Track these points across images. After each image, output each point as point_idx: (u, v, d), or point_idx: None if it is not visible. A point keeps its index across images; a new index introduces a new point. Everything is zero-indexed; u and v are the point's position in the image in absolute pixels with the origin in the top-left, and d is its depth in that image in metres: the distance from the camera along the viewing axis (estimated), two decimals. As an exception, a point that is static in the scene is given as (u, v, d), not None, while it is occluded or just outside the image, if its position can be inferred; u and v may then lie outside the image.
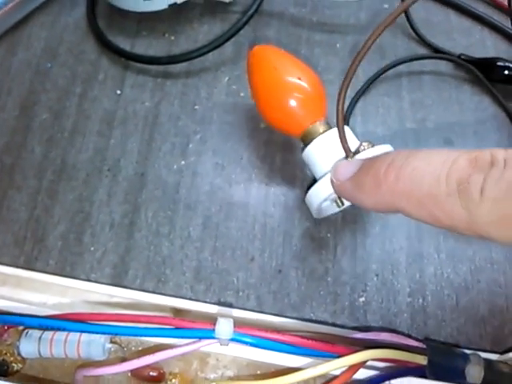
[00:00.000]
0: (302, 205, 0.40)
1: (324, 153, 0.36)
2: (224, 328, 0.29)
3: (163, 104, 0.45)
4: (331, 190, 0.33)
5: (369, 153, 0.34)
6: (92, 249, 0.39)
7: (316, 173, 0.36)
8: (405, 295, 0.38)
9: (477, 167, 0.20)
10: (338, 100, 0.33)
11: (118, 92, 0.45)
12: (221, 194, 0.41)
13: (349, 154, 0.33)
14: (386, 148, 0.35)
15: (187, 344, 0.30)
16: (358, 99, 0.45)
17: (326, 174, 0.34)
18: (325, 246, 0.39)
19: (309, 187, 0.35)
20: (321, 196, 0.34)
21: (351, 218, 0.40)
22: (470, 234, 0.20)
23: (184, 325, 0.30)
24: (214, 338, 0.29)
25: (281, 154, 0.43)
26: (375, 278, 0.38)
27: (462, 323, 0.37)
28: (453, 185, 0.20)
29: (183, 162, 0.42)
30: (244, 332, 0.29)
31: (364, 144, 0.34)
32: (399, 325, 0.37)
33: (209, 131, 0.44)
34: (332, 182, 0.28)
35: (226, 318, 0.30)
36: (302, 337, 0.30)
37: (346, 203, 0.39)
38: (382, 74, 0.46)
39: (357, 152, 0.34)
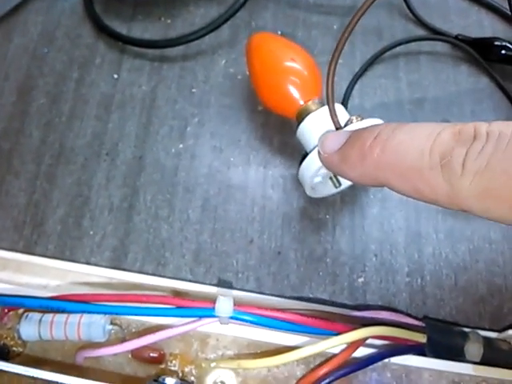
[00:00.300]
0: (300, 186, 0.40)
1: (315, 129, 0.36)
2: (224, 306, 0.29)
3: (160, 87, 0.45)
4: (320, 163, 0.34)
5: (358, 126, 0.34)
6: (91, 233, 0.39)
7: (308, 148, 0.36)
8: (403, 275, 0.38)
9: (460, 141, 0.20)
10: (328, 74, 0.33)
11: (115, 76, 0.45)
12: (219, 177, 0.41)
13: (338, 126, 0.34)
14: (375, 121, 0.35)
15: (187, 323, 0.30)
16: (355, 81, 0.45)
17: (315, 147, 0.34)
18: (323, 228, 0.39)
19: (301, 164, 0.35)
20: (311, 169, 0.34)
21: (350, 199, 0.40)
22: (452, 207, 0.20)
23: (184, 304, 0.30)
24: (214, 316, 0.29)
25: (278, 136, 0.43)
26: (374, 259, 0.38)
27: (460, 302, 0.37)
28: (436, 158, 0.20)
29: (181, 146, 0.42)
30: (244, 310, 0.30)
31: (353, 118, 0.35)
32: (398, 304, 0.37)
33: (206, 114, 0.44)
34: (319, 154, 0.28)
35: (226, 296, 0.30)
36: (302, 314, 0.30)
37: (344, 184, 0.39)
38: (379, 56, 0.46)
39: (346, 125, 0.34)
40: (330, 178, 0.38)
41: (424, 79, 0.46)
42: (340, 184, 0.39)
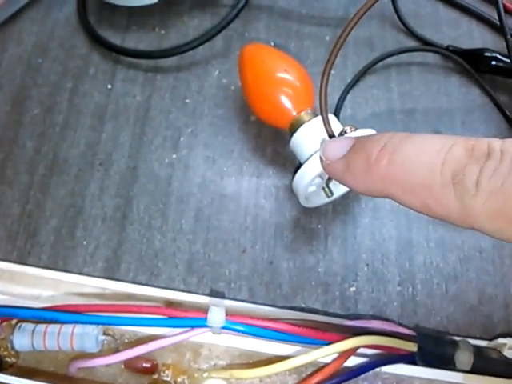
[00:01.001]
0: (293, 196, 0.40)
1: (309, 139, 0.37)
2: (216, 316, 0.29)
3: (154, 98, 0.45)
4: (315, 173, 0.34)
5: (352, 135, 0.34)
6: (84, 243, 0.39)
7: (301, 159, 0.37)
8: (395, 284, 0.38)
9: (473, 157, 0.19)
10: (321, 84, 0.34)
11: (109, 86, 0.45)
12: (212, 187, 0.41)
13: (332, 137, 0.34)
14: (369, 131, 0.35)
15: (180, 333, 0.30)
16: (348, 92, 0.46)
17: (309, 158, 0.35)
18: (316, 237, 0.40)
19: (295, 174, 0.35)
20: (305, 180, 0.34)
21: (341, 209, 0.41)
22: (463, 225, 0.20)
23: (176, 314, 0.30)
24: (206, 326, 0.30)
25: (271, 146, 0.43)
26: (365, 268, 0.39)
27: (451, 312, 0.37)
28: (447, 176, 0.19)
29: (175, 156, 0.42)
30: (236, 320, 0.30)
31: (347, 128, 0.35)
32: (389, 314, 0.37)
33: (200, 125, 0.44)
34: (321, 160, 0.26)
35: (218, 307, 0.30)
36: (293, 324, 0.30)
37: (336, 193, 0.40)
38: (371, 66, 0.46)
39: (340, 135, 0.35)
40: (323, 188, 0.38)
41: (415, 90, 0.46)
42: (332, 194, 0.39)
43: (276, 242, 0.40)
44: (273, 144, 0.43)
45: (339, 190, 0.41)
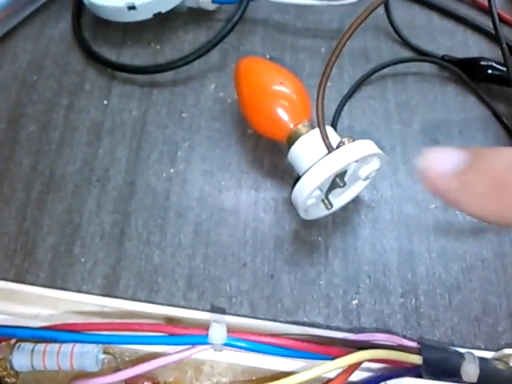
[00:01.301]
0: (292, 209, 0.40)
1: (306, 151, 0.36)
2: (217, 333, 0.29)
3: (150, 113, 0.45)
4: (314, 186, 0.34)
5: (350, 147, 0.34)
6: (83, 260, 0.39)
7: (300, 171, 0.36)
8: (397, 296, 0.38)
9: None
10: (317, 96, 0.34)
11: (105, 102, 0.45)
12: (211, 201, 0.41)
13: (330, 149, 0.34)
14: (367, 142, 0.35)
15: (181, 351, 0.30)
16: (344, 103, 0.46)
17: (308, 170, 0.34)
18: (316, 250, 0.39)
19: (294, 187, 0.35)
20: (304, 192, 0.34)
21: (341, 221, 0.41)
22: None
23: (177, 331, 0.29)
24: (207, 343, 0.29)
25: (269, 159, 0.43)
26: (367, 280, 0.38)
27: (455, 322, 0.37)
28: None
29: (172, 170, 0.42)
30: (237, 337, 0.29)
31: (344, 139, 0.35)
32: (393, 326, 0.37)
33: (197, 138, 0.44)
34: (424, 175, 0.21)
35: (219, 323, 0.30)
36: (296, 339, 0.30)
37: (335, 205, 0.39)
38: (367, 77, 0.46)
39: (338, 147, 0.35)
40: (322, 200, 0.38)
41: (412, 100, 0.46)
42: (332, 206, 0.39)
43: (276, 255, 0.39)
44: (270, 156, 0.43)
45: (339, 201, 0.40)
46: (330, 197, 0.39)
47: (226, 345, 0.29)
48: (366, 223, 0.40)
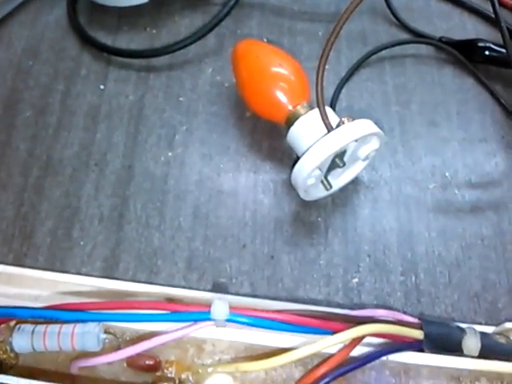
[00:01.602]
0: (291, 190, 0.40)
1: (306, 132, 0.37)
2: (220, 308, 0.29)
3: (147, 97, 0.45)
4: (313, 165, 0.34)
5: (350, 126, 0.34)
6: (82, 243, 0.39)
7: (299, 152, 0.36)
8: (397, 274, 0.38)
9: None
10: (317, 76, 0.34)
11: (102, 87, 0.45)
12: (209, 184, 0.41)
13: (330, 129, 0.34)
14: (366, 122, 0.35)
15: (183, 328, 0.30)
16: (342, 86, 0.45)
17: (308, 150, 0.34)
18: (316, 230, 0.39)
19: (293, 168, 0.35)
20: (304, 172, 0.34)
21: (341, 201, 0.40)
22: None
23: (178, 308, 0.29)
24: (210, 319, 0.29)
25: (267, 141, 0.43)
26: (367, 259, 0.38)
27: (455, 300, 0.37)
28: None
29: (170, 154, 0.42)
30: (239, 312, 0.29)
31: (344, 119, 0.35)
32: (393, 304, 0.37)
33: (195, 122, 0.43)
34: None
35: (221, 299, 0.29)
36: (298, 314, 0.30)
37: (335, 186, 0.39)
38: (364, 60, 0.46)
39: (338, 127, 0.35)
40: (322, 181, 0.38)
41: (410, 82, 0.46)
42: (331, 186, 0.39)
43: (276, 236, 0.39)
44: (269, 139, 0.43)
45: (338, 182, 0.40)
46: (329, 178, 0.39)
47: (228, 321, 0.29)
48: (366, 203, 0.40)
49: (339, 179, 0.40)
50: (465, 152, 0.43)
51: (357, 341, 0.31)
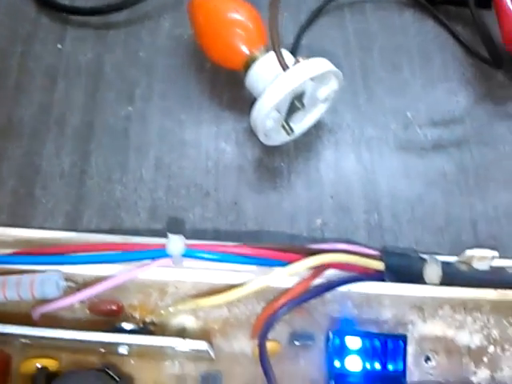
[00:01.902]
0: (254, 138, 0.40)
1: (263, 74, 0.36)
2: (175, 243, 0.29)
3: (106, 54, 0.44)
4: (271, 105, 0.34)
5: (305, 65, 0.34)
6: (44, 201, 0.38)
7: (257, 95, 0.36)
8: (360, 213, 0.38)
9: None
10: (270, 16, 0.33)
11: (60, 47, 0.45)
12: (171, 136, 0.41)
13: (285, 68, 0.34)
14: (322, 60, 0.35)
15: (141, 266, 0.29)
16: (302, 33, 0.45)
17: (263, 92, 0.34)
18: (279, 175, 0.39)
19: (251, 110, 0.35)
20: (261, 113, 0.34)
21: (303, 146, 0.40)
22: None
23: (133, 247, 0.29)
24: (166, 255, 0.29)
25: (228, 92, 0.43)
26: (330, 200, 0.38)
27: (418, 234, 0.37)
28: None
29: (130, 108, 0.42)
30: (196, 247, 0.29)
31: (299, 58, 0.35)
32: (357, 241, 0.37)
33: (154, 76, 0.43)
34: None
35: (177, 235, 0.29)
36: (256, 247, 0.30)
37: (297, 131, 0.39)
38: (324, 7, 0.46)
39: (294, 66, 0.34)
40: (283, 126, 0.38)
41: (370, 27, 0.46)
42: (293, 131, 0.38)
43: (239, 183, 0.39)
44: (230, 89, 0.43)
45: (300, 127, 0.40)
46: (290, 122, 0.39)
47: (184, 256, 0.29)
48: (328, 147, 0.40)
49: (301, 124, 0.40)
50: (426, 92, 0.43)
51: (316, 273, 0.31)
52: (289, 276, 0.29)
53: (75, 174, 0.39)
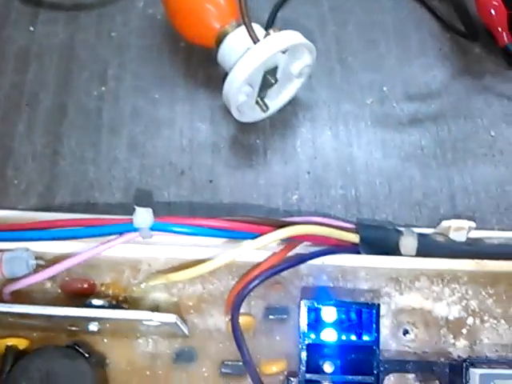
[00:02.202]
0: (229, 116, 0.39)
1: (234, 48, 0.36)
2: (142, 216, 0.28)
3: (78, 35, 0.44)
4: (242, 78, 0.33)
5: (276, 37, 0.34)
6: (16, 182, 0.38)
7: (229, 69, 0.36)
8: (337, 188, 0.37)
9: None
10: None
11: (31, 29, 0.44)
12: (145, 115, 0.40)
13: (256, 41, 0.33)
14: (293, 33, 0.34)
15: (109, 241, 0.29)
16: (277, 11, 0.45)
17: (235, 64, 0.34)
18: (255, 153, 0.39)
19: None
20: (234, 86, 0.34)
21: (279, 123, 0.40)
22: None
23: (100, 222, 0.29)
24: (133, 229, 0.28)
25: (202, 70, 0.42)
26: (307, 176, 0.38)
27: (396, 208, 0.37)
28: None
29: (103, 88, 0.41)
30: (165, 220, 0.29)
31: (270, 31, 0.34)
32: (334, 216, 0.36)
33: (128, 56, 0.43)
34: None
35: (144, 208, 0.29)
36: (227, 220, 0.29)
37: (272, 108, 0.39)
38: (299, -16, 0.45)
39: (265, 38, 0.34)
40: (257, 103, 0.38)
41: (346, 3, 0.45)
42: (268, 108, 0.38)
43: (214, 161, 0.39)
44: (204, 67, 0.42)
45: (275, 104, 0.40)
46: (265, 99, 0.38)
47: (152, 229, 0.28)
48: (304, 123, 0.40)
49: (276, 100, 0.40)
50: (403, 67, 0.42)
51: (290, 246, 0.30)
52: (259, 248, 0.29)
53: (48, 155, 0.39)
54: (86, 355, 0.28)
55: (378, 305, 0.29)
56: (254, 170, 0.38)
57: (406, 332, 0.31)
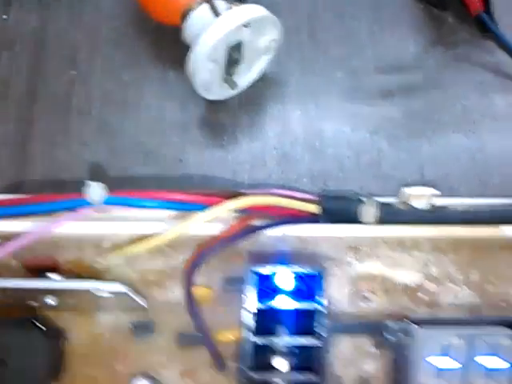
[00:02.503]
0: (197, 96, 0.39)
1: (198, 24, 0.36)
2: (95, 190, 0.28)
3: (50, 22, 0.44)
4: (205, 53, 0.33)
5: (237, 10, 0.34)
6: (-15, 162, 0.38)
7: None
8: (305, 163, 0.37)
9: None
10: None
11: (4, 17, 0.44)
12: (114, 97, 0.40)
13: (218, 14, 0.33)
14: (256, 6, 0.34)
15: (64, 217, 0.29)
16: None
17: (197, 37, 0.34)
18: (224, 132, 0.39)
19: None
20: (196, 63, 0.34)
21: (248, 100, 0.40)
22: None
23: (53, 198, 0.29)
24: (87, 203, 0.28)
25: (172, 51, 0.42)
26: (274, 152, 0.38)
27: (364, 181, 0.37)
28: None
29: (74, 72, 0.41)
30: (119, 194, 0.29)
31: (231, 5, 0.34)
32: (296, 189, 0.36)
33: (98, 40, 0.43)
34: None
35: (96, 182, 0.29)
36: (182, 192, 0.29)
37: (241, 85, 0.38)
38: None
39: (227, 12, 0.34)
40: (225, 80, 0.37)
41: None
42: (236, 85, 0.38)
43: (183, 140, 0.39)
44: (174, 49, 0.42)
45: (244, 81, 0.40)
46: (233, 76, 0.38)
47: (106, 203, 0.28)
48: (274, 100, 0.40)
49: (245, 77, 0.39)
50: (374, 40, 0.42)
51: (248, 217, 0.30)
52: (212, 219, 0.29)
53: (18, 139, 0.39)
54: (43, 328, 0.28)
55: (324, 269, 0.28)
56: (222, 149, 0.38)
57: (365, 298, 0.31)
